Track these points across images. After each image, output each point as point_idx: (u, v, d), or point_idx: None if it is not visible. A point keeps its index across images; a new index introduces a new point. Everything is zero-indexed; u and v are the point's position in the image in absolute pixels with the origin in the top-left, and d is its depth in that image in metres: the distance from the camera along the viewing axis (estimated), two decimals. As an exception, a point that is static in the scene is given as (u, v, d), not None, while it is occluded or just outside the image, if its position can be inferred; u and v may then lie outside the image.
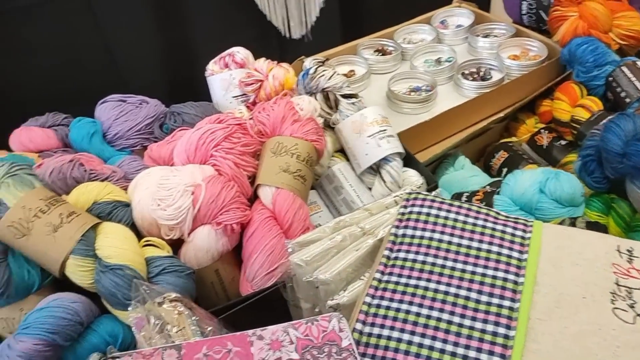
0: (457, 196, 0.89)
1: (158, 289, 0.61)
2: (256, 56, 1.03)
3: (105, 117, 0.91)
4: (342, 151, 0.95)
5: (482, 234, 0.59)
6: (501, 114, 1.08)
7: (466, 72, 1.16)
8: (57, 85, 1.21)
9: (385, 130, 0.87)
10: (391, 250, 0.60)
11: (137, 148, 0.92)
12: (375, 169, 0.88)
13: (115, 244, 0.67)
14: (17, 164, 0.71)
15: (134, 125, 0.91)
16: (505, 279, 0.56)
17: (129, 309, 0.59)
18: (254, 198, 0.81)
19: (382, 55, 1.26)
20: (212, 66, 1.03)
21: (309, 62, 0.94)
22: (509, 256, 0.57)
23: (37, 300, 0.69)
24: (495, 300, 0.54)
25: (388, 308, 0.55)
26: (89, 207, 0.73)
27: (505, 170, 1.00)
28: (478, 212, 0.62)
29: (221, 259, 0.76)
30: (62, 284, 0.68)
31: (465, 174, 0.98)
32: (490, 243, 0.59)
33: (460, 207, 0.62)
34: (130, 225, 0.74)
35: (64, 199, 0.71)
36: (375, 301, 0.56)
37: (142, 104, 0.95)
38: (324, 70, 0.91)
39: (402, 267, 0.58)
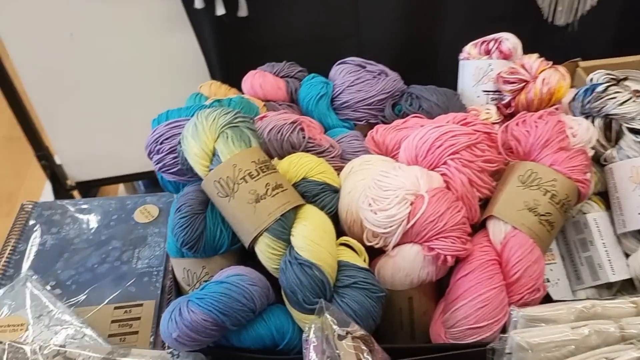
0: None
1: (344, 316, 0.51)
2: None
3: (340, 81, 0.83)
4: (603, 195, 0.74)
5: None
6: None
7: None
8: (299, 37, 1.15)
9: (681, 192, 0.64)
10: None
11: (361, 123, 0.82)
12: (648, 237, 0.66)
13: (312, 236, 0.59)
14: (241, 116, 0.66)
15: (366, 97, 0.81)
16: None
17: (307, 328, 0.50)
18: (477, 227, 0.66)
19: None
20: (469, 49, 0.87)
21: (598, 76, 0.73)
22: None
23: (221, 262, 0.65)
24: None
25: None
26: (296, 182, 0.66)
27: None
28: None
29: (419, 287, 0.63)
30: (249, 252, 0.62)
31: None
32: None
33: None
34: (333, 214, 0.65)
35: (274, 165, 0.64)
36: None
37: (381, 75, 0.84)
38: (616, 92, 0.70)
39: None
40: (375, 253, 0.65)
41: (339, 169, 0.70)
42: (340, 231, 0.66)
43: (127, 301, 0.72)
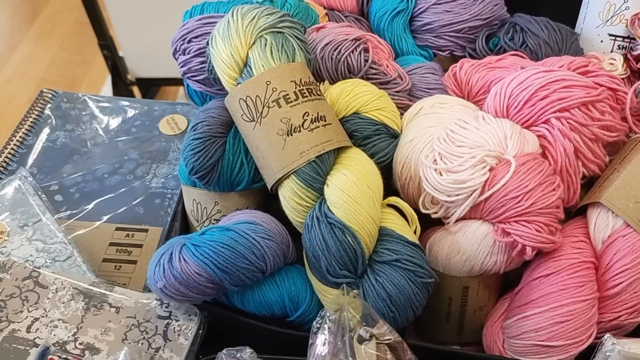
0: None
1: (372, 311, 0.37)
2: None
3: (425, -4, 0.65)
4: None
5: None
6: None
7: None
8: None
9: None
10: None
11: (443, 54, 0.65)
12: None
13: (352, 190, 0.45)
14: (289, 20, 0.51)
15: (455, 22, 0.63)
16: None
17: (320, 314, 0.38)
18: (570, 212, 0.50)
19: None
20: (602, -23, 0.66)
21: None
22: None
23: (238, 201, 0.53)
24: None
25: None
26: (345, 116, 0.51)
27: None
28: None
29: (480, 276, 0.49)
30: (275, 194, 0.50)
31: None
32: None
33: None
34: (386, 165, 0.51)
35: (321, 91, 0.50)
36: None
37: (480, -4, 0.65)
38: None
39: None
40: (430, 222, 0.50)
41: (404, 108, 0.55)
42: (390, 188, 0.52)
43: (132, 223, 0.62)
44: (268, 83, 0.47)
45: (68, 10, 2.38)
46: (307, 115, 0.47)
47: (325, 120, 0.47)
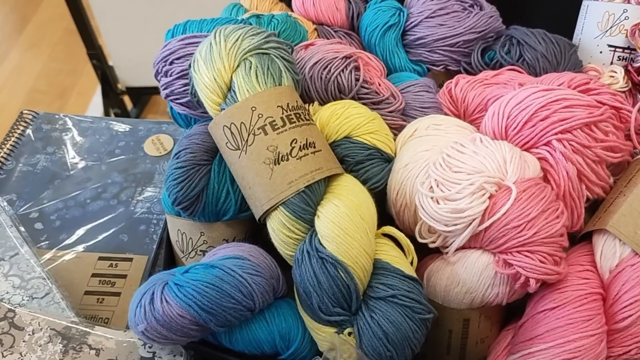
0: None
1: (367, 356, 0.35)
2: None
3: (417, 9, 0.62)
4: None
5: None
6: None
7: None
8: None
9: None
10: None
11: (438, 69, 0.63)
12: None
13: (344, 222, 0.42)
14: (275, 40, 0.48)
15: (449, 35, 0.61)
16: None
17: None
18: (575, 239, 0.48)
19: None
20: (600, -14, 0.64)
21: None
22: None
23: (224, 232, 0.50)
24: None
25: None
26: (336, 141, 0.48)
27: None
28: None
29: (481, 308, 0.46)
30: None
31: None
32: None
33: None
34: (380, 191, 0.48)
35: (310, 114, 0.47)
36: None
37: (474, 7, 0.63)
38: None
39: None
40: (428, 248, 0.48)
41: (398, 129, 0.53)
42: (385, 214, 0.49)
43: (115, 252, 0.59)
44: (253, 109, 0.44)
45: (57, 19, 2.35)
46: (296, 142, 0.44)
47: (314, 147, 0.45)
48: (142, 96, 1.95)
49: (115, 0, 1.63)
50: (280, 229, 0.44)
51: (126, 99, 1.91)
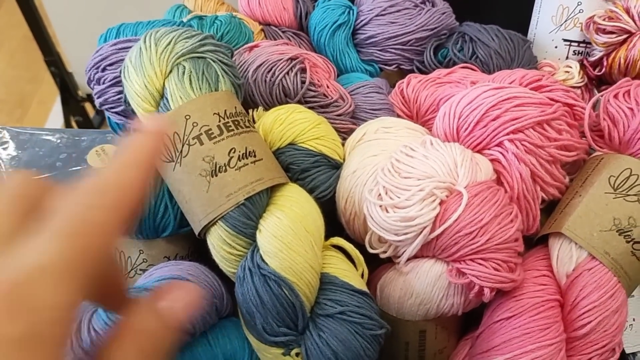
0: None
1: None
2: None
3: (367, 6, 0.60)
4: None
5: None
6: None
7: None
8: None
9: None
10: None
11: (390, 68, 0.60)
12: None
13: (287, 236, 0.39)
14: (212, 42, 0.45)
15: (401, 34, 0.59)
16: None
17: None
18: (529, 239, 0.46)
19: None
20: (553, -21, 0.63)
21: None
22: None
23: (165, 248, 0.47)
24: None
25: None
26: (280, 148, 0.46)
27: None
28: None
29: (437, 319, 0.44)
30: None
31: None
32: None
33: None
34: (328, 199, 0.46)
35: (250, 121, 0.44)
36: None
37: (425, 4, 0.61)
38: None
39: None
40: (379, 258, 0.45)
41: (347, 133, 0.50)
42: (335, 223, 0.47)
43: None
44: (187, 117, 0.41)
45: (15, 26, 2.27)
46: (234, 152, 0.41)
47: (254, 156, 0.42)
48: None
49: (72, 6, 1.58)
50: (221, 245, 0.41)
51: (88, 106, 1.85)
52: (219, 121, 0.42)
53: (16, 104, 2.10)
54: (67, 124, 1.80)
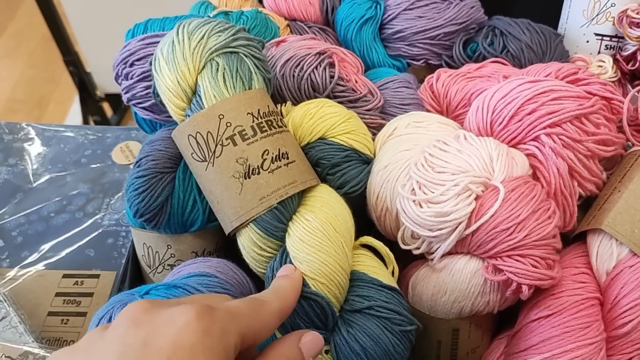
0: None
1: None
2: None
3: (395, 2, 0.59)
4: None
5: None
6: None
7: None
8: None
9: None
10: None
11: (418, 63, 0.59)
12: None
13: (317, 240, 0.38)
14: (244, 36, 0.44)
15: (429, 28, 0.58)
16: None
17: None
18: (568, 239, 0.45)
19: None
20: (584, -28, 0.61)
21: None
22: None
23: (193, 243, 0.47)
24: None
25: None
26: (310, 142, 0.45)
27: None
28: None
29: (471, 317, 0.43)
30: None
31: None
32: None
33: None
34: (359, 195, 0.45)
35: (282, 119, 0.44)
36: None
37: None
38: None
39: None
40: (409, 256, 0.45)
41: (377, 128, 0.49)
42: (365, 219, 0.46)
43: (81, 268, 0.55)
44: (221, 117, 0.41)
45: (34, 27, 2.30)
46: (267, 154, 0.40)
47: (287, 158, 0.41)
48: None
49: (91, 6, 1.59)
50: (251, 247, 0.41)
51: (106, 106, 1.86)
52: (253, 121, 0.41)
53: (35, 104, 2.11)
54: (85, 124, 1.82)
